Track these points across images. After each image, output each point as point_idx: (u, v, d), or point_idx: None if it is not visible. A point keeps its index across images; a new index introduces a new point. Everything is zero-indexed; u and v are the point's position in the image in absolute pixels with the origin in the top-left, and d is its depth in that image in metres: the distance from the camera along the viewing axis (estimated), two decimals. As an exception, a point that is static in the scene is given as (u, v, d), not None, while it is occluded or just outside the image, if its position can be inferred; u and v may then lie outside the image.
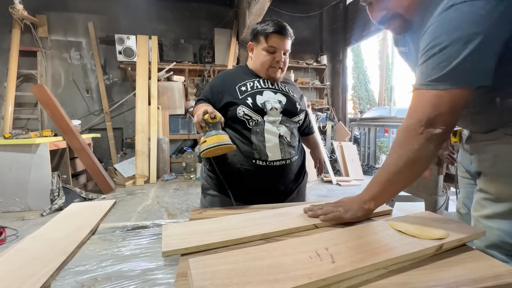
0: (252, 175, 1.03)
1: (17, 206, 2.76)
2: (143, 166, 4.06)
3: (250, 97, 1.02)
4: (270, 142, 1.01)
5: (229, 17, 5.07)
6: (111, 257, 0.62)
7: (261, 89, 1.05)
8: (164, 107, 4.53)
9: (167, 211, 2.91)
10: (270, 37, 1.02)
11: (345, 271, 0.45)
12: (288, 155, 1.05)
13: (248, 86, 1.05)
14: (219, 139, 0.86)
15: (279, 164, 1.03)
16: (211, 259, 0.49)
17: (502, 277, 0.47)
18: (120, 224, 0.79)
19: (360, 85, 11.11)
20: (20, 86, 4.28)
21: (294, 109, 1.09)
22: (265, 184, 1.05)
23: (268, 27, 1.02)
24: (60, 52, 4.55)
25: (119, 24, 4.70)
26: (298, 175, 1.14)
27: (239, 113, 1.01)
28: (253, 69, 1.11)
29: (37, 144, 2.75)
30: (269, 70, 1.06)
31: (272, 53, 1.03)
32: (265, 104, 1.02)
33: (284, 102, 1.06)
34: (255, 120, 1.01)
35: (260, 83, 1.07)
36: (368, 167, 4.98)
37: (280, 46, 1.03)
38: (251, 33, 1.09)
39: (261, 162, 1.01)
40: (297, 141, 1.11)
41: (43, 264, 0.55)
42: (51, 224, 0.77)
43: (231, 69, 1.20)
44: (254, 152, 1.01)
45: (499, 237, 0.69)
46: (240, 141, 1.03)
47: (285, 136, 1.04)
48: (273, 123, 1.03)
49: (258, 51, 1.07)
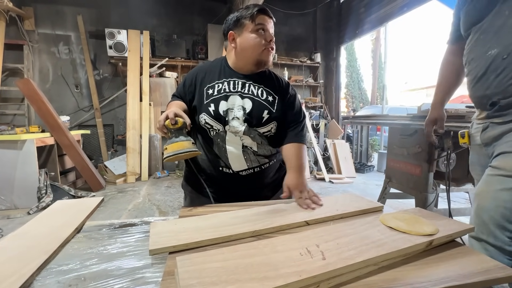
0: (222, 182, 1.00)
1: (2, 204, 2.67)
2: (134, 163, 3.99)
3: (213, 103, 0.93)
4: (232, 153, 0.94)
5: (222, 13, 5.01)
6: (96, 256, 0.60)
7: (228, 93, 0.94)
8: (156, 103, 4.46)
9: (158, 209, 2.87)
10: (256, 16, 0.91)
11: (336, 268, 0.45)
12: (256, 163, 0.97)
13: (216, 88, 0.95)
14: (179, 147, 0.81)
15: (246, 173, 0.97)
16: (199, 257, 0.48)
17: (491, 272, 0.48)
18: (107, 222, 0.77)
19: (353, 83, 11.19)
20: (5, 81, 4.14)
21: (259, 117, 0.93)
22: (236, 190, 1.01)
23: (250, 9, 0.93)
24: (48, 46, 4.41)
25: (109, 18, 4.58)
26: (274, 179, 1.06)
27: (201, 121, 0.94)
28: (232, 64, 0.98)
29: (23, 140, 2.66)
30: (263, 53, 0.93)
31: (263, 31, 0.92)
32: (228, 112, 0.92)
33: (249, 109, 0.93)
34: (216, 129, 0.93)
35: (229, 85, 0.95)
36: (361, 164, 5.03)
37: (267, 25, 0.93)
38: (230, 22, 0.97)
39: (227, 169, 0.97)
40: (269, 150, 0.99)
41: (23, 263, 0.53)
42: (33, 222, 0.74)
43: (209, 63, 1.05)
44: (219, 160, 0.97)
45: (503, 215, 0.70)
46: (205, 149, 0.99)
47: (250, 147, 0.95)
48: (235, 133, 0.93)
49: (245, 36, 0.93)
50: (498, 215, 0.72)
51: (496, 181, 0.74)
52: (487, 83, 0.81)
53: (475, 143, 0.93)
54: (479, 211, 0.78)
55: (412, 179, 1.93)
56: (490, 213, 0.74)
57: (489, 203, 0.75)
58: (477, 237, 0.77)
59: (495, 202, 0.73)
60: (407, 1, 3.95)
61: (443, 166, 1.79)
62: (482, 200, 0.77)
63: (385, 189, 2.24)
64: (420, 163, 1.85)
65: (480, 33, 0.84)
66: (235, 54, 0.97)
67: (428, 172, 1.80)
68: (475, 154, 0.95)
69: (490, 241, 0.73)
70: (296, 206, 0.83)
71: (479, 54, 0.84)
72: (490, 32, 0.80)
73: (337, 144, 4.70)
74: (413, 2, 3.86)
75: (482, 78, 0.83)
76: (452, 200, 1.45)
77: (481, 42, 0.83)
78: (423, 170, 1.83)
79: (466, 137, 0.98)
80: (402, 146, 2.03)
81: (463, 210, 1.92)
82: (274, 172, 1.06)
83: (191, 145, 0.82)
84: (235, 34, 0.96)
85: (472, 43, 0.87)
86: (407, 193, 2.08)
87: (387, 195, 2.26)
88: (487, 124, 0.85)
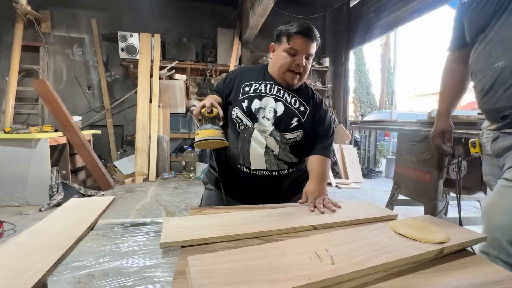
0: (237, 179, 1.03)
1: (15, 200, 2.75)
2: (142, 163, 4.05)
3: (247, 99, 0.99)
4: (254, 150, 0.98)
5: (232, 17, 5.07)
6: (109, 253, 0.61)
7: (263, 94, 0.99)
8: (165, 105, 4.53)
9: (165, 210, 2.90)
10: (292, 37, 0.94)
11: (345, 273, 0.45)
12: (276, 167, 0.99)
13: (252, 87, 1.01)
14: (211, 133, 0.86)
15: (263, 174, 1.00)
16: (210, 257, 0.49)
17: (503, 283, 0.47)
18: (119, 221, 0.79)
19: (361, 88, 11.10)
20: (21, 81, 4.28)
21: (288, 123, 0.98)
22: (252, 189, 1.03)
23: (292, 27, 0.94)
24: (63, 48, 4.54)
25: (122, 21, 4.69)
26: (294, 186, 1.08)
27: (233, 114, 1.00)
28: (270, 71, 1.05)
29: (37, 139, 2.74)
30: (286, 74, 0.97)
31: (293, 55, 0.95)
32: (259, 110, 0.97)
33: (280, 113, 0.98)
34: (245, 124, 0.98)
35: (266, 87, 1.01)
36: (368, 170, 4.97)
37: (302, 48, 0.94)
38: (275, 34, 1.02)
39: (244, 168, 1.00)
40: (290, 157, 1.01)
41: (39, 259, 0.54)
42: (49, 219, 0.76)
43: (251, 66, 1.17)
44: (240, 157, 1.00)
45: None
46: (231, 143, 1.02)
47: (272, 149, 0.98)
48: (262, 132, 0.97)
49: (278, 52, 0.98)
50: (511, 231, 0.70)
51: (509, 194, 0.73)
52: (496, 96, 0.79)
53: (486, 153, 0.91)
54: (491, 226, 0.75)
55: (421, 186, 1.90)
56: (502, 230, 0.72)
57: (501, 218, 0.73)
58: (487, 252, 0.75)
59: (508, 216, 0.71)
60: (418, 6, 3.91)
61: (454, 173, 1.76)
62: (495, 214, 0.75)
63: (393, 195, 2.21)
64: (429, 170, 1.83)
65: (485, 43, 0.81)
66: (271, 64, 1.05)
67: (438, 180, 1.77)
68: (488, 165, 0.92)
69: (501, 257, 0.71)
70: (305, 210, 0.84)
71: (485, 65, 0.81)
72: (497, 43, 0.78)
73: (344, 149, 4.66)
74: (424, 7, 3.82)
75: (490, 91, 0.80)
76: (462, 208, 1.42)
77: (487, 53, 0.81)
78: (433, 177, 1.80)
79: (477, 146, 0.95)
80: (411, 152, 2.01)
81: (474, 219, 1.88)
82: (291, 181, 1.07)
83: (222, 134, 0.89)
84: (275, 46, 1.03)
85: (478, 53, 0.84)
86: (415, 200, 2.05)
87: (395, 202, 2.23)
88: (497, 134, 0.83)
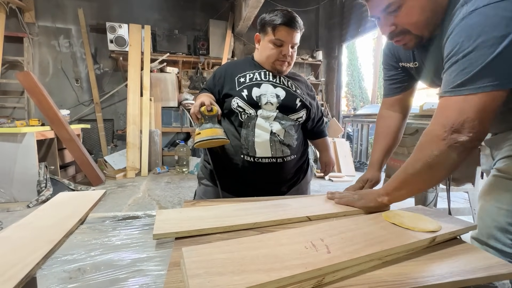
0: (240, 171, 1.01)
1: (1, 197, 2.67)
2: (134, 158, 3.99)
3: (246, 89, 0.98)
4: (259, 137, 0.97)
5: (224, 9, 4.98)
6: (100, 247, 0.60)
7: (260, 82, 1.01)
8: (156, 99, 4.44)
9: (158, 204, 2.88)
10: (278, 29, 0.95)
11: (341, 261, 0.45)
12: (280, 153, 0.99)
13: (247, 77, 1.01)
14: (213, 133, 0.85)
15: (268, 161, 0.99)
16: (205, 248, 0.48)
17: (493, 269, 0.48)
18: (111, 214, 0.77)
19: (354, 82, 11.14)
20: (5, 73, 4.12)
21: (293, 105, 1.01)
22: (253, 182, 1.02)
23: (276, 17, 0.95)
24: (48, 39, 4.38)
25: (110, 12, 4.55)
26: (294, 176, 1.08)
27: (233, 104, 0.98)
28: (259, 61, 1.07)
29: (23, 134, 2.66)
30: (275, 63, 1.01)
31: (279, 46, 0.97)
32: (261, 97, 0.98)
33: (283, 97, 1.00)
34: (248, 113, 0.98)
35: (260, 75, 1.02)
36: (360, 163, 5.04)
37: (288, 39, 0.97)
38: (258, 23, 1.03)
39: (248, 158, 0.98)
40: (295, 140, 1.03)
41: (27, 253, 0.53)
42: (37, 213, 0.74)
43: (236, 60, 1.19)
44: (243, 147, 0.98)
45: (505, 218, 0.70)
46: (231, 135, 1.01)
47: (277, 134, 0.99)
48: (266, 118, 0.98)
49: (264, 43, 1.01)
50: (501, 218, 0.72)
51: (500, 183, 0.74)
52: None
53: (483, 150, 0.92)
54: (482, 213, 0.78)
55: (412, 178, 1.94)
56: (492, 216, 0.74)
57: (492, 206, 0.75)
58: (478, 239, 0.78)
59: (498, 205, 0.73)
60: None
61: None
62: (486, 202, 0.77)
63: (385, 187, 2.25)
64: (420, 162, 1.85)
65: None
66: (258, 54, 1.07)
67: (428, 171, 1.80)
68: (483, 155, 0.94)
69: (490, 243, 0.73)
70: (299, 201, 0.84)
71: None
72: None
73: (337, 143, 4.71)
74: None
75: None
76: (451, 199, 1.46)
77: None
78: (424, 169, 1.83)
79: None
80: (403, 145, 2.04)
81: (462, 210, 1.94)
82: (293, 171, 1.08)
83: (223, 133, 0.88)
84: (260, 36, 1.04)
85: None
86: (406, 192, 2.09)
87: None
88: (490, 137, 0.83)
